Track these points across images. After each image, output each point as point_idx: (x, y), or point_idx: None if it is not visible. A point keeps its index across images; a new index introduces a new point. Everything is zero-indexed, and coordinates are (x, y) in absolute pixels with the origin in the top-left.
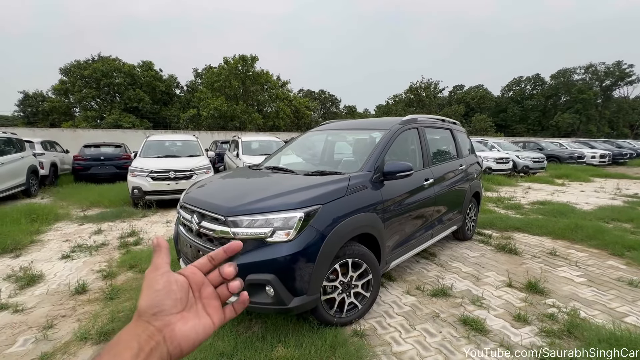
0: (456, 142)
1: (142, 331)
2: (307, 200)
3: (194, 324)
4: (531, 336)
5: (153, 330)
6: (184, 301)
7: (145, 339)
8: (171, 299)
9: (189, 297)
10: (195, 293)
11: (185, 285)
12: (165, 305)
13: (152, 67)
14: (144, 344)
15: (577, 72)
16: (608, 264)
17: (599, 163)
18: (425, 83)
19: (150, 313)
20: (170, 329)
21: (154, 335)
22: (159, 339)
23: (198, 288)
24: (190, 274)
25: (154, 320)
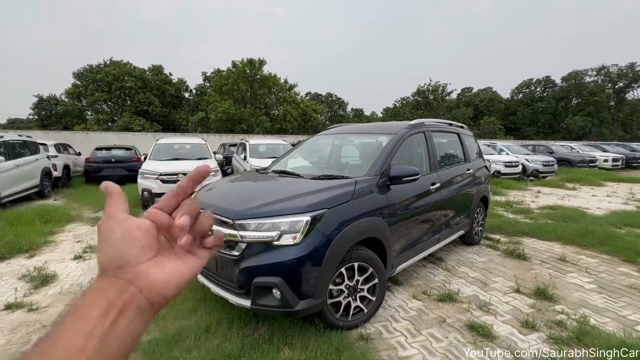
0: (463, 145)
1: (110, 286)
2: (313, 204)
3: (173, 266)
4: (539, 343)
5: (122, 283)
6: (154, 246)
7: (115, 294)
8: (135, 246)
9: (161, 241)
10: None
11: (151, 230)
12: (130, 254)
13: (162, 71)
14: (114, 298)
15: (588, 74)
16: (620, 270)
17: (612, 167)
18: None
19: (114, 266)
20: (143, 277)
21: (125, 288)
22: (132, 291)
23: (166, 229)
24: (153, 216)
25: (121, 274)
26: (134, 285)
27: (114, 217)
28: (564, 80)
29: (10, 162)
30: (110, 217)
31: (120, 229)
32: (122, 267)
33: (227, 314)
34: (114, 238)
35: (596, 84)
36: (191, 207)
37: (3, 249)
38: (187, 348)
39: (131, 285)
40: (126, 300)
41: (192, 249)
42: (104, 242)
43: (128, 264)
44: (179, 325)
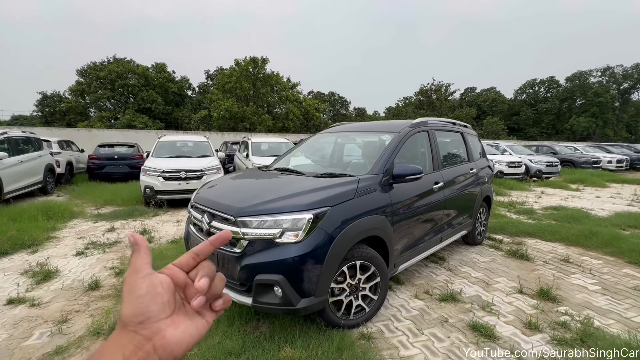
0: (467, 145)
1: (128, 341)
2: (316, 202)
3: (185, 326)
4: (542, 344)
5: (140, 339)
6: (172, 304)
7: (131, 350)
8: (158, 303)
9: (176, 299)
10: (180, 293)
11: (171, 286)
12: (152, 311)
13: (165, 68)
14: (129, 355)
15: (593, 74)
16: (624, 272)
17: (616, 168)
18: (436, 85)
19: (136, 322)
20: (160, 336)
21: (142, 345)
22: (148, 349)
23: (182, 288)
24: (172, 273)
25: (140, 329)
26: (151, 344)
27: (140, 271)
28: (568, 80)
29: (14, 158)
30: (136, 270)
31: (146, 284)
32: (143, 323)
33: (228, 311)
34: (139, 293)
35: (601, 85)
36: (209, 269)
37: (6, 244)
38: None
39: (149, 342)
40: (141, 357)
41: (200, 310)
42: (130, 296)
43: (149, 320)
44: None
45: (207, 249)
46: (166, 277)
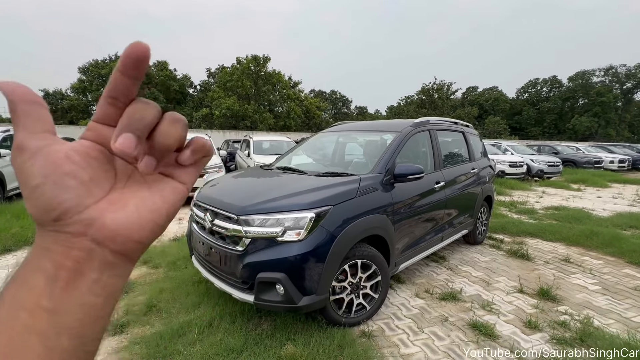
0: (468, 145)
1: (53, 243)
2: (317, 201)
3: (139, 200)
4: (542, 343)
5: (68, 237)
6: (104, 179)
7: (61, 252)
8: (70, 187)
9: (118, 168)
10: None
11: (96, 155)
12: (65, 201)
13: (166, 66)
14: (61, 258)
15: (596, 74)
16: (624, 272)
17: (618, 168)
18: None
19: (50, 219)
20: (97, 226)
21: (74, 243)
22: (85, 245)
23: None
24: (97, 135)
25: (62, 227)
26: (86, 238)
27: (27, 147)
28: (570, 80)
29: None
30: (20, 148)
31: (39, 165)
32: (61, 218)
33: (231, 308)
34: (35, 182)
35: (603, 85)
36: (137, 113)
37: (10, 241)
38: (191, 342)
39: (82, 238)
40: (78, 258)
41: (165, 170)
42: (24, 189)
43: (68, 212)
44: (183, 319)
45: (124, 83)
46: (82, 144)
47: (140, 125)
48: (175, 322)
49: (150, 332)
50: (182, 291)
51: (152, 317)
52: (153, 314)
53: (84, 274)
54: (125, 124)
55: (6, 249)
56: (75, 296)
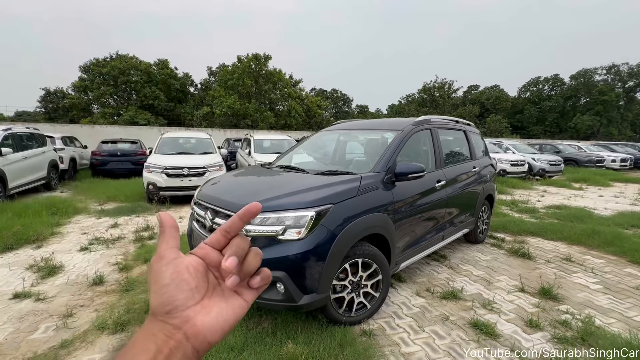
0: (470, 143)
1: (159, 330)
2: (318, 200)
3: (219, 309)
4: (543, 342)
5: (170, 328)
6: (202, 288)
7: (163, 340)
8: (184, 290)
9: (210, 281)
10: (215, 273)
11: (201, 269)
12: (179, 300)
13: (167, 65)
14: (162, 345)
15: (598, 72)
16: (626, 271)
17: (620, 167)
18: (439, 83)
19: (164, 312)
20: (190, 324)
21: (173, 334)
22: (179, 338)
23: (216, 267)
24: (204, 253)
25: (169, 319)
26: (181, 332)
27: (164, 257)
28: (572, 78)
29: (18, 154)
30: (160, 257)
31: (170, 271)
32: (171, 312)
33: None
34: (164, 282)
35: (606, 83)
36: (238, 246)
37: (11, 239)
38: None
39: (178, 331)
40: (173, 347)
41: (238, 289)
42: (155, 285)
43: (177, 309)
44: None
45: (237, 225)
46: (195, 259)
47: (242, 253)
48: None
49: None
50: None
51: None
52: None
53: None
54: (234, 251)
55: (7, 247)
56: None
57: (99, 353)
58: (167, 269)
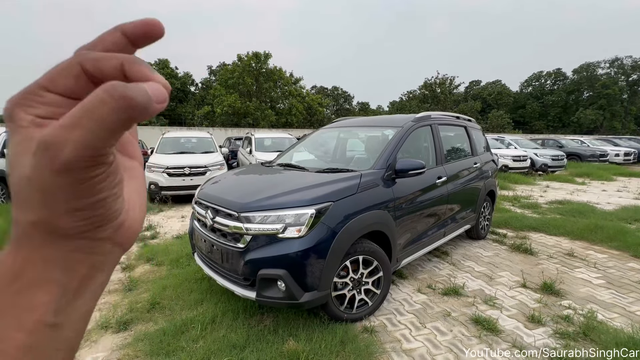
0: (471, 139)
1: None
2: (318, 198)
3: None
4: (545, 337)
5: (91, 244)
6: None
7: (78, 260)
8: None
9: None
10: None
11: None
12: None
13: (167, 64)
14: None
15: (601, 66)
16: (629, 266)
17: (623, 161)
18: (441, 79)
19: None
20: (122, 229)
21: (95, 248)
22: (105, 249)
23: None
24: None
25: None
26: (109, 242)
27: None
28: (575, 72)
29: None
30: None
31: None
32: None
33: (233, 305)
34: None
35: (609, 77)
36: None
37: None
38: (194, 338)
39: (104, 242)
40: (96, 262)
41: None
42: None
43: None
44: (186, 316)
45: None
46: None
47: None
48: (178, 319)
49: (153, 329)
50: (185, 288)
51: (155, 314)
52: (156, 311)
53: (94, 279)
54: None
55: None
56: (79, 305)
57: (102, 352)
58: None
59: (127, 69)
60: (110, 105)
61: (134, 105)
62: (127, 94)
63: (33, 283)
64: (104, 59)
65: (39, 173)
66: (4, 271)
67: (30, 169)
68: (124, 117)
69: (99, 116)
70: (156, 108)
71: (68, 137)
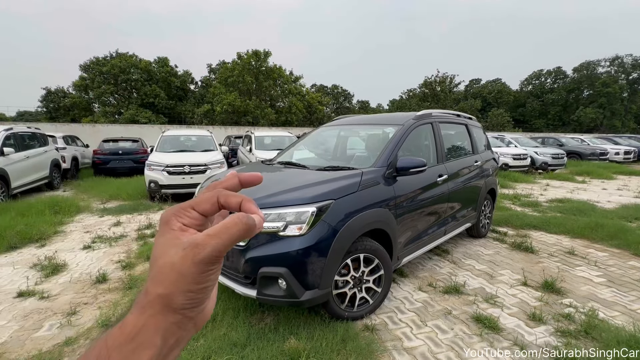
0: (472, 137)
1: (171, 323)
2: (319, 195)
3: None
4: (546, 336)
5: (183, 320)
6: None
7: (172, 331)
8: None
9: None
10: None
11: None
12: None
13: (167, 63)
14: (169, 336)
15: (601, 64)
16: (630, 264)
17: (624, 160)
18: (441, 77)
19: (186, 308)
20: (204, 312)
21: (184, 324)
22: (189, 327)
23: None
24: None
25: (188, 313)
26: (193, 321)
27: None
28: (575, 71)
29: (21, 153)
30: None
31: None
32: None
33: (234, 303)
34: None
35: (609, 75)
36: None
37: (15, 238)
38: (194, 336)
39: (190, 321)
40: (180, 336)
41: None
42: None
43: (202, 305)
44: None
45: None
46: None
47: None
48: None
49: None
50: None
51: None
52: None
53: (175, 350)
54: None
55: (11, 246)
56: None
57: None
58: (218, 271)
59: (242, 205)
60: (240, 226)
61: (250, 228)
62: (249, 221)
63: (143, 344)
64: (231, 196)
65: (183, 262)
66: (129, 330)
67: (178, 258)
68: (244, 234)
69: (231, 232)
70: (259, 231)
71: (210, 242)
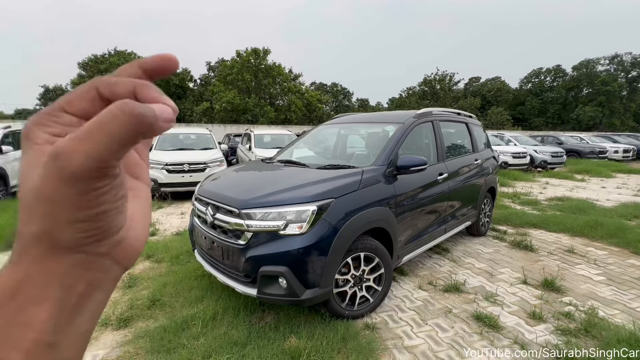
0: (472, 136)
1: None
2: (319, 194)
3: (139, 211)
4: (546, 334)
5: (91, 258)
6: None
7: (76, 276)
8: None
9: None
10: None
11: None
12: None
13: None
14: (75, 283)
15: (601, 62)
16: (629, 262)
17: (622, 158)
18: (440, 75)
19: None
20: (122, 245)
21: (94, 264)
22: (104, 266)
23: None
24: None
25: (94, 248)
26: (109, 257)
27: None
28: (574, 69)
29: (19, 151)
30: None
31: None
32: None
33: (234, 302)
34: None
35: (608, 73)
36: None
37: (14, 237)
38: (194, 335)
39: (104, 258)
40: (94, 280)
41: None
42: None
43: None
44: (186, 313)
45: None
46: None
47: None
48: (179, 316)
49: (154, 326)
50: (186, 285)
51: (156, 311)
52: (157, 308)
53: (92, 297)
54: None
55: (10, 246)
56: (77, 324)
57: (103, 349)
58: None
59: (138, 92)
60: (121, 119)
61: (142, 121)
62: (136, 111)
63: (31, 300)
64: (118, 83)
65: (47, 183)
66: (3, 286)
67: (39, 179)
68: (133, 131)
69: (109, 130)
70: (162, 126)
71: (78, 148)
